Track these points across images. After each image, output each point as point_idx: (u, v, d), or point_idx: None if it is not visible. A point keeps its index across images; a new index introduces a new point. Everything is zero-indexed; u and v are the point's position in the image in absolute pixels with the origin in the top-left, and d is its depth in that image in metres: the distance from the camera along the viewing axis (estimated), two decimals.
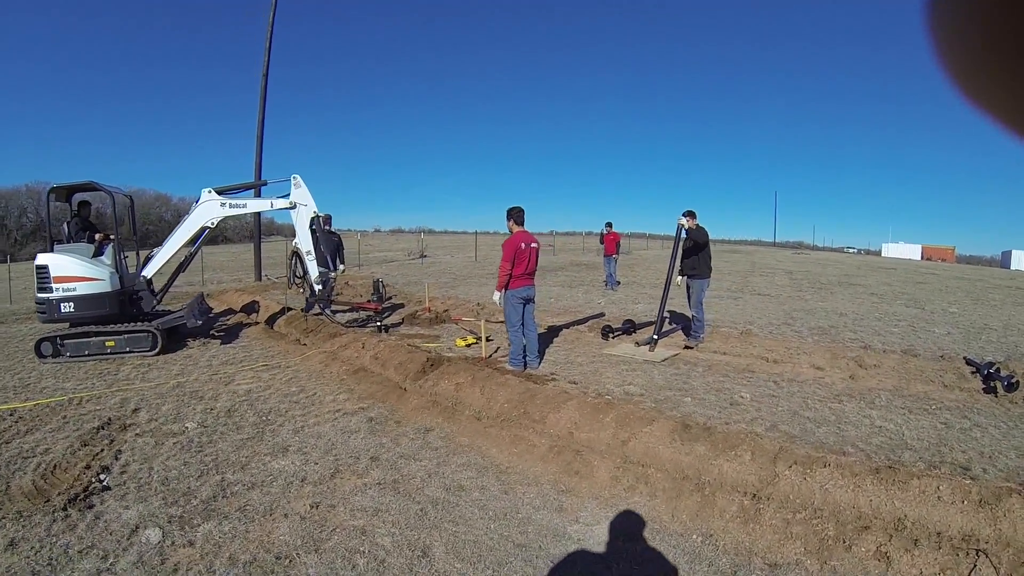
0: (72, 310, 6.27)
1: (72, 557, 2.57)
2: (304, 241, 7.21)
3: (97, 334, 6.43)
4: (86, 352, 6.39)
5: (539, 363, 5.92)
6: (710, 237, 6.87)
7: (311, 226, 7.15)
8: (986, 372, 5.32)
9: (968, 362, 5.91)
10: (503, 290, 5.64)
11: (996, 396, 5.00)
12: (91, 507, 3.03)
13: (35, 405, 4.75)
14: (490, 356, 6.34)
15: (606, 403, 4.00)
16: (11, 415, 4.51)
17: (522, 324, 5.74)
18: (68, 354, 6.34)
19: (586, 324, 8.17)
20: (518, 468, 3.51)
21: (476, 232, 30.20)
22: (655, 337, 6.60)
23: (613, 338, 7.26)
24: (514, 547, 2.64)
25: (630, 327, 7.59)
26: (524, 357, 5.79)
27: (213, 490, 3.22)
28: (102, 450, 3.82)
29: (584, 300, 11.22)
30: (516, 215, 5.73)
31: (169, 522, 2.87)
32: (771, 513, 2.72)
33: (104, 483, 3.32)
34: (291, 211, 7.18)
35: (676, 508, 2.96)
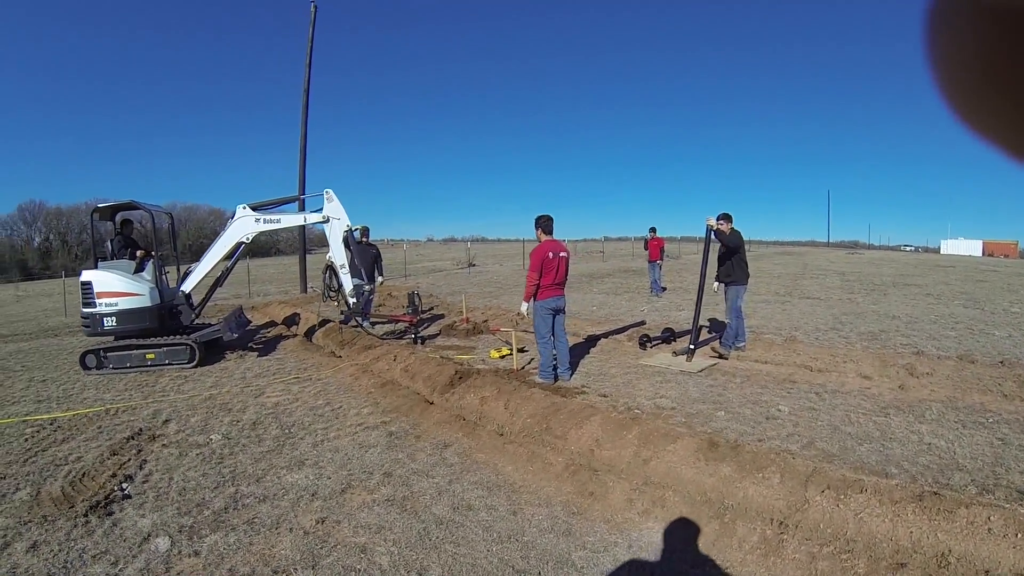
0: (115, 324, 6.77)
1: (86, 561, 2.72)
2: (337, 255, 7.48)
3: (138, 347, 6.90)
4: (128, 364, 6.86)
5: (571, 375, 5.86)
6: (744, 239, 6.79)
7: (344, 239, 7.39)
8: None
9: None
10: (531, 300, 5.64)
11: None
12: (110, 514, 3.21)
13: (74, 415, 5.12)
14: (522, 368, 6.33)
15: (631, 419, 3.86)
16: (51, 424, 4.87)
17: (552, 335, 5.71)
18: (111, 366, 6.83)
19: (625, 333, 8.14)
20: (531, 487, 3.44)
21: (523, 240, 30.46)
22: (691, 347, 6.51)
23: (651, 347, 7.18)
24: (513, 573, 2.55)
25: (669, 336, 7.51)
26: (555, 369, 5.73)
27: (225, 502, 3.33)
28: (129, 460, 4.05)
29: (627, 308, 11.23)
30: (544, 224, 5.72)
31: (179, 531, 2.98)
32: (796, 545, 2.50)
33: (125, 492, 3.51)
34: (324, 225, 7.48)
35: (691, 536, 2.80)
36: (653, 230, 13.25)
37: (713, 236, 6.61)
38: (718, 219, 6.61)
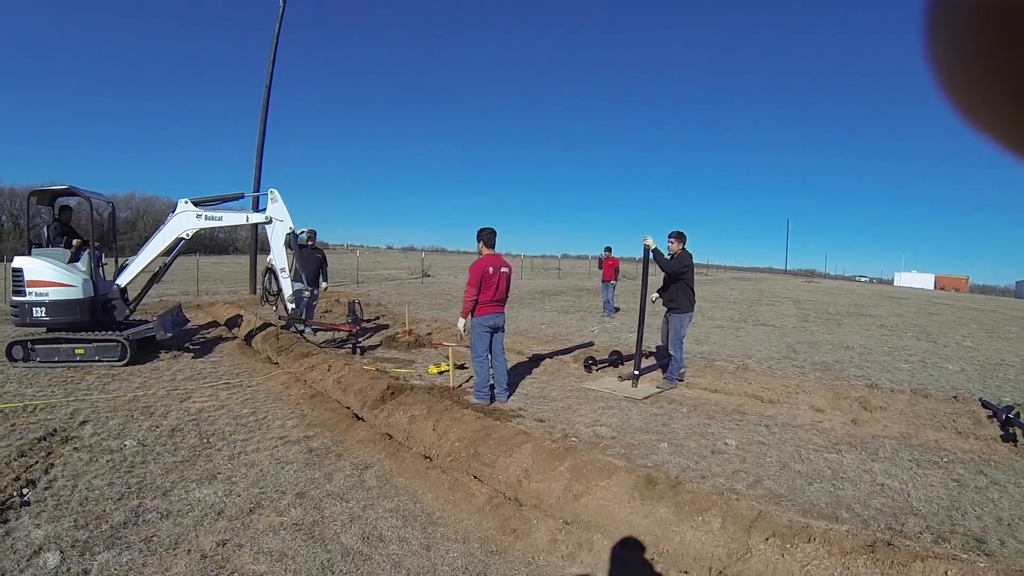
0: (44, 315, 6.68)
1: None
2: (278, 257, 7.54)
3: (67, 341, 6.78)
4: (56, 358, 6.74)
5: (507, 396, 5.90)
6: (692, 263, 6.54)
7: (287, 242, 7.42)
8: (1004, 417, 5.14)
9: (984, 404, 5.75)
10: (468, 317, 5.67)
11: (1016, 445, 4.80)
12: (5, 522, 3.21)
13: None
14: (459, 386, 6.42)
15: (565, 448, 3.95)
16: None
17: (490, 353, 5.76)
18: (39, 359, 6.71)
19: (572, 353, 8.20)
20: (450, 519, 3.45)
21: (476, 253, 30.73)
22: (636, 372, 6.46)
23: (597, 370, 7.19)
24: None
25: (617, 359, 7.50)
26: (492, 390, 5.83)
27: (126, 516, 3.36)
28: (36, 462, 4.03)
29: (577, 327, 11.29)
30: (487, 237, 5.76)
31: (72, 546, 3.01)
32: None
33: (25, 498, 3.50)
34: (267, 226, 7.51)
35: None
36: (608, 249, 13.63)
37: (652, 257, 6.36)
38: (669, 237, 6.43)
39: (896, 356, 8.98)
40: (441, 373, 6.98)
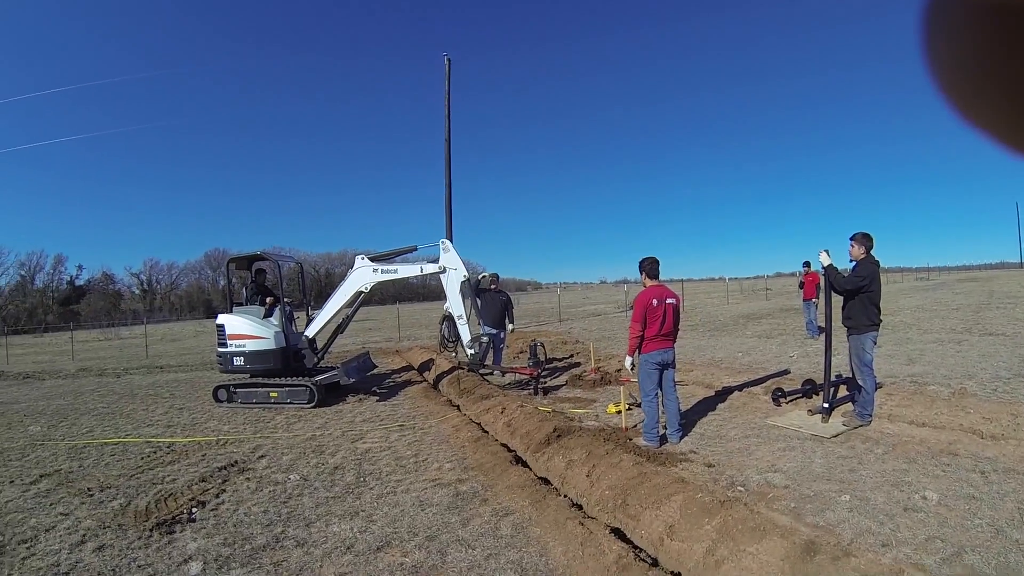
0: (243, 363, 8.73)
1: (131, 570, 3.62)
2: (455, 305, 8.68)
3: (263, 385, 8.69)
4: (253, 400, 8.70)
5: (680, 438, 6.04)
6: (878, 272, 6.20)
7: (461, 290, 8.57)
8: None
9: None
10: (635, 354, 5.92)
11: None
12: (171, 533, 4.17)
13: (190, 441, 6.58)
14: (634, 426, 6.51)
15: (720, 502, 3.66)
16: (168, 447, 6.37)
17: (660, 391, 5.96)
18: (239, 401, 8.75)
19: (764, 384, 8.32)
20: None
21: (683, 280, 32.15)
22: (826, 405, 6.33)
23: (787, 402, 7.27)
24: None
25: (810, 388, 7.50)
26: (665, 429, 6.03)
27: (268, 540, 4.05)
28: (212, 487, 5.13)
29: (776, 353, 11.67)
30: (649, 267, 6.06)
31: (215, 560, 3.75)
32: None
33: (192, 516, 4.48)
34: (441, 275, 8.73)
35: None
36: (807, 264, 14.16)
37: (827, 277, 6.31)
38: (851, 240, 6.20)
39: None
40: (619, 412, 7.03)
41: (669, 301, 5.88)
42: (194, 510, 4.59)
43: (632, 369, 6.01)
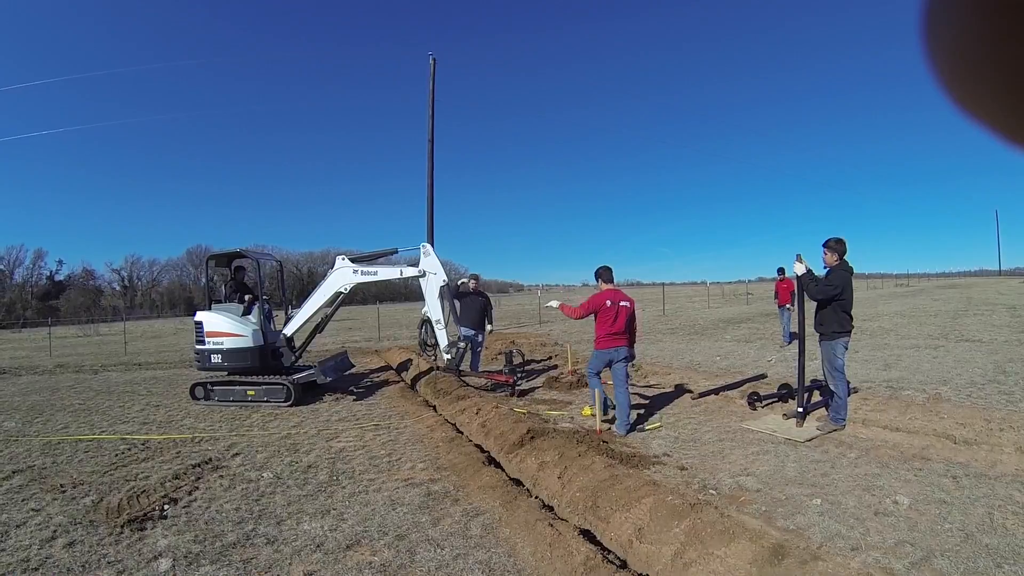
0: (220, 361, 8.71)
1: (101, 566, 3.64)
2: (433, 309, 8.74)
3: (240, 383, 8.68)
4: (230, 398, 8.68)
5: (627, 431, 6.48)
6: (850, 279, 6.32)
7: (440, 294, 8.64)
8: None
9: None
10: (561, 307, 6.94)
11: None
12: (142, 530, 4.19)
13: (164, 438, 6.58)
14: (608, 429, 6.63)
15: (689, 505, 3.74)
16: (143, 444, 6.37)
17: (599, 377, 6.67)
18: (216, 399, 8.72)
19: (740, 388, 8.47)
20: None
21: (663, 284, 32.96)
22: (800, 409, 6.54)
23: (761, 407, 7.44)
24: None
25: (786, 392, 7.68)
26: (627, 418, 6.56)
27: (238, 537, 4.08)
28: (185, 484, 5.14)
29: (754, 358, 11.96)
30: (603, 274, 6.80)
31: (184, 557, 3.78)
32: None
33: (164, 513, 4.50)
34: (421, 280, 8.79)
35: None
36: (781, 271, 14.25)
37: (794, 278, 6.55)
38: (824, 246, 6.30)
39: None
40: (594, 415, 7.11)
41: (623, 304, 6.48)
42: (166, 507, 4.61)
43: (549, 307, 7.41)
